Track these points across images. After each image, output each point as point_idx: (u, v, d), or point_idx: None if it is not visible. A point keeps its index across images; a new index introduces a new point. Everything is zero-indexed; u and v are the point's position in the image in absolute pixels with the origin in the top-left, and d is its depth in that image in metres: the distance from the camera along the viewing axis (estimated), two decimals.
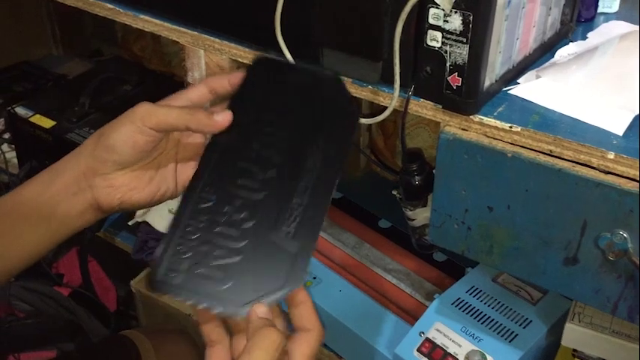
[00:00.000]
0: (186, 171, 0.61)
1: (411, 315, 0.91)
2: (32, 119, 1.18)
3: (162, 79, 1.38)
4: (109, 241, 1.20)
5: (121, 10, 0.82)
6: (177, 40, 0.79)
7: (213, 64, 0.78)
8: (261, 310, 0.50)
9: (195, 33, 0.77)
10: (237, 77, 0.58)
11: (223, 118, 0.56)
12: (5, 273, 0.60)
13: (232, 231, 0.52)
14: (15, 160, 1.25)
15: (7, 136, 1.29)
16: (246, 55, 0.74)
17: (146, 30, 0.81)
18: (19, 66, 1.43)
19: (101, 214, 0.60)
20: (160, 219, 1.08)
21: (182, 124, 0.55)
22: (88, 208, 0.58)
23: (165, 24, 0.79)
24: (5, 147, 1.27)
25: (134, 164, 0.58)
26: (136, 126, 0.55)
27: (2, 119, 1.29)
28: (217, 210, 0.53)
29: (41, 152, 1.17)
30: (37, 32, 1.53)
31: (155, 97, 0.59)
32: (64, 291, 1.19)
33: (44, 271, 1.18)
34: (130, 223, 1.11)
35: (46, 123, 1.17)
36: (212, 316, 0.51)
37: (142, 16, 0.81)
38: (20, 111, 1.21)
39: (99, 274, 1.29)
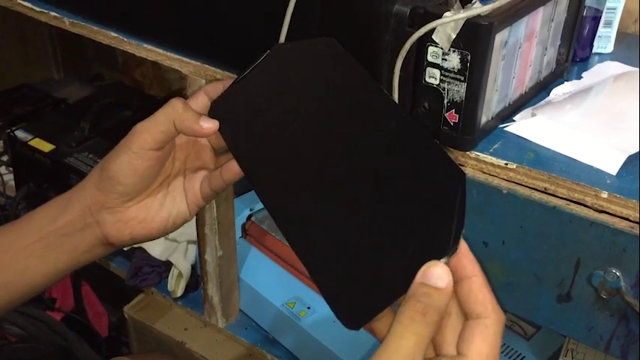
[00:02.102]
0: (193, 186, 0.59)
1: None
2: (31, 143, 1.19)
3: (163, 105, 1.38)
4: (104, 265, 1.19)
5: (125, 39, 0.83)
6: (180, 69, 0.80)
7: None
8: (433, 272, 0.39)
9: (198, 63, 0.78)
10: None
11: (209, 125, 0.54)
12: (12, 303, 0.58)
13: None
14: (12, 183, 1.25)
15: (5, 158, 1.29)
16: None
17: (149, 59, 0.82)
18: (19, 89, 1.44)
19: (112, 249, 0.58)
20: (156, 245, 1.08)
21: (168, 121, 0.54)
22: (97, 243, 0.57)
23: (168, 53, 0.80)
24: (3, 169, 1.28)
25: (141, 192, 0.56)
26: (132, 152, 0.54)
27: (1, 142, 1.29)
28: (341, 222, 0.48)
29: (39, 176, 1.17)
30: (38, 55, 1.55)
31: None
32: (56, 315, 1.19)
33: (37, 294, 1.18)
34: (125, 249, 1.11)
35: (46, 147, 1.17)
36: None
37: (146, 45, 0.82)
38: (20, 134, 1.22)
39: (92, 299, 1.28)
